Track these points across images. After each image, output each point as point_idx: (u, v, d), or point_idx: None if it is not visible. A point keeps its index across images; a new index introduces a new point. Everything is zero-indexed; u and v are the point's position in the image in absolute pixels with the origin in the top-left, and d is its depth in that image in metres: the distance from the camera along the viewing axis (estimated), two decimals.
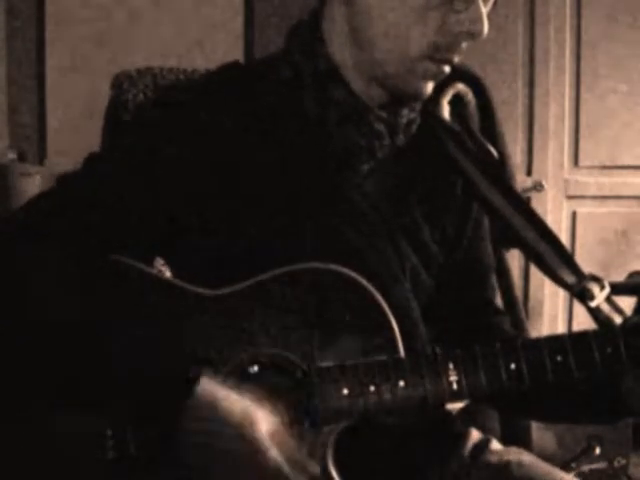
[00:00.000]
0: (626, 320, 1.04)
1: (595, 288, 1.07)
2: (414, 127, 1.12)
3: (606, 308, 1.06)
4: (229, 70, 1.12)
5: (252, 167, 1.05)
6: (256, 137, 1.06)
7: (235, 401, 0.92)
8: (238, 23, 3.33)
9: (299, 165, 1.07)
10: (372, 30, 1.02)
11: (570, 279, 1.09)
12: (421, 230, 1.13)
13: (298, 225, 1.05)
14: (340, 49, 1.07)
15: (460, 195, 1.17)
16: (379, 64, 1.04)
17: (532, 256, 1.13)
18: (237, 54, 3.21)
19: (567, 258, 1.11)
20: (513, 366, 0.96)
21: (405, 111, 1.09)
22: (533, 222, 1.13)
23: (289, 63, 1.09)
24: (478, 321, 1.20)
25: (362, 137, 1.07)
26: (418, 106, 1.12)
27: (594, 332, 0.98)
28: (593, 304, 1.06)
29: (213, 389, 0.92)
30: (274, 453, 0.91)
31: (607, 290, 1.07)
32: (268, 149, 1.06)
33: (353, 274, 0.99)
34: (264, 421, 0.92)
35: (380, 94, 1.08)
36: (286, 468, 0.91)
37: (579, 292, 1.08)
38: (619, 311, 1.06)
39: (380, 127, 1.07)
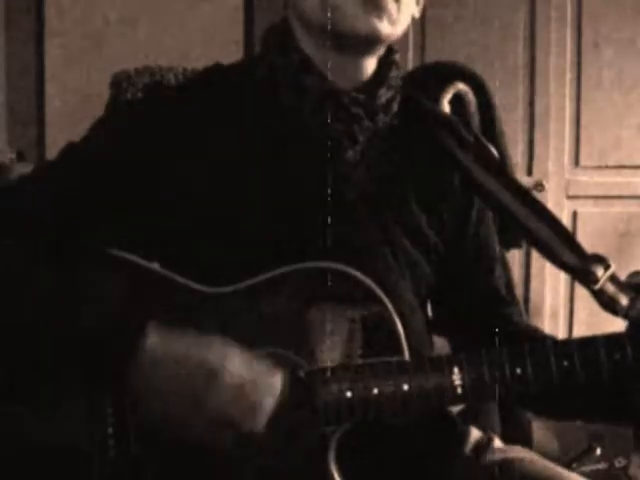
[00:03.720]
0: (631, 324, 1.02)
1: (599, 270, 1.05)
2: (395, 105, 1.11)
3: (611, 289, 1.04)
4: (210, 71, 1.15)
5: (236, 165, 1.05)
6: (237, 136, 1.06)
7: (190, 334, 0.93)
8: (238, 23, 3.32)
9: (282, 160, 1.07)
10: None
11: (573, 261, 1.07)
12: (417, 219, 1.12)
13: (286, 222, 1.04)
14: (306, 39, 1.07)
15: (458, 185, 1.16)
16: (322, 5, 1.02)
17: (533, 241, 1.11)
18: (237, 54, 3.21)
19: (569, 241, 1.09)
20: (519, 371, 0.95)
21: (382, 90, 1.09)
22: (533, 207, 1.10)
23: (264, 62, 1.11)
24: (486, 311, 1.19)
25: (340, 122, 1.06)
26: (395, 82, 1.11)
27: (602, 337, 0.96)
28: (597, 287, 1.04)
29: (164, 331, 0.92)
30: (236, 362, 0.91)
31: (612, 269, 1.05)
32: (250, 147, 1.06)
33: (352, 270, 0.98)
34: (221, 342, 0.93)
35: (350, 67, 1.07)
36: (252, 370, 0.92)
37: (582, 275, 1.06)
38: (624, 290, 1.03)
39: (357, 110, 1.07)
